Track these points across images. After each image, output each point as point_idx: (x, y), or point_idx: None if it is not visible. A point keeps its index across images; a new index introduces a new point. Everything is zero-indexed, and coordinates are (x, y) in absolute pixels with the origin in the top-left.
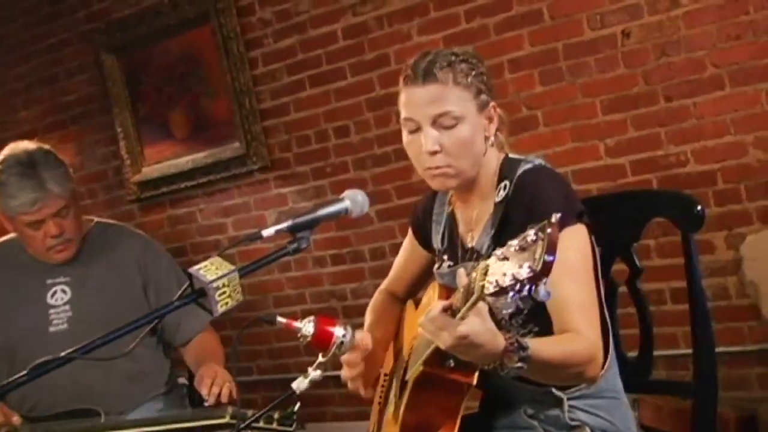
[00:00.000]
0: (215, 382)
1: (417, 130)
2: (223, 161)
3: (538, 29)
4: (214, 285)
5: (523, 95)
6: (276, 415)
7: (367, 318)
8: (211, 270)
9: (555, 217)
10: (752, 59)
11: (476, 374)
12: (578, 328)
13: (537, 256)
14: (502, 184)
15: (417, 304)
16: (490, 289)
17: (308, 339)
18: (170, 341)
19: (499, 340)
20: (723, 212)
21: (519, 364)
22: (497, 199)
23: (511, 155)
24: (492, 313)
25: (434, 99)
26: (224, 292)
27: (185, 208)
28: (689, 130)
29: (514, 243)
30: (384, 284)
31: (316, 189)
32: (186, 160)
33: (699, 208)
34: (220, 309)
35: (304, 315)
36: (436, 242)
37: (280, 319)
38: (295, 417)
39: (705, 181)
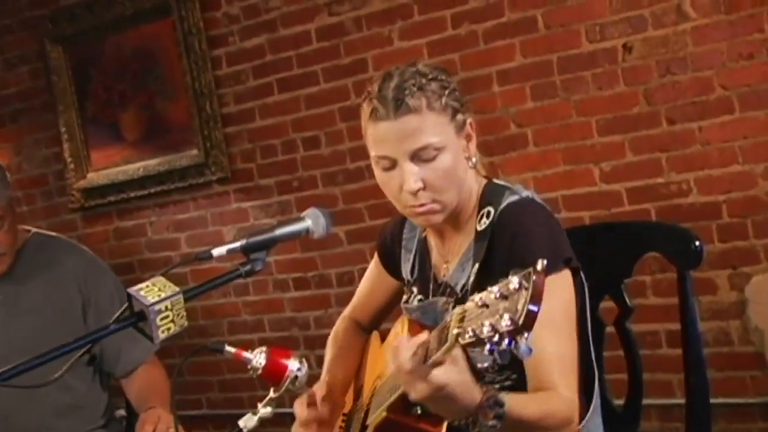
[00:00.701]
0: (157, 429)
1: (393, 166)
2: (179, 170)
3: (531, 39)
4: (156, 308)
5: (512, 111)
6: None
7: (329, 350)
8: (152, 291)
9: (541, 264)
10: (765, 81)
11: (444, 425)
12: (556, 386)
13: (519, 306)
14: (485, 211)
15: (383, 337)
16: (466, 338)
17: (259, 371)
18: (110, 372)
19: (474, 394)
20: (727, 249)
21: (493, 422)
22: (479, 228)
23: (495, 180)
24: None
25: (411, 132)
26: (167, 317)
27: (134, 220)
28: (693, 156)
29: (495, 289)
30: (347, 310)
31: (280, 205)
32: (137, 167)
33: (697, 243)
34: (162, 335)
35: (261, 344)
36: (405, 272)
37: (228, 348)
38: None
39: (709, 213)
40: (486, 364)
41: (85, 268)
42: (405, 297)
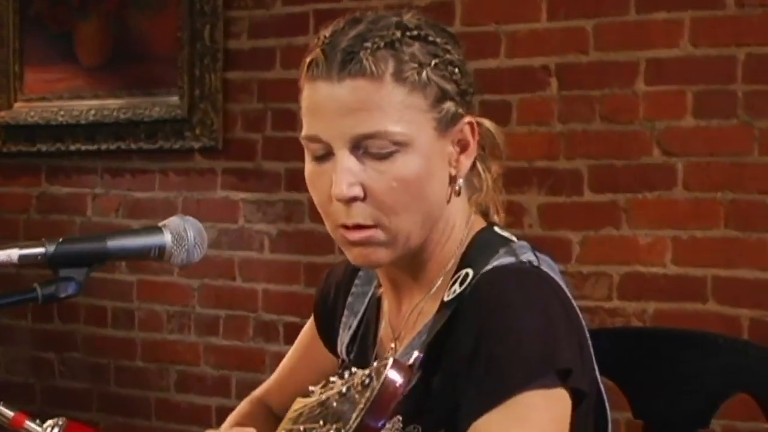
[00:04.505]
0: None
1: (326, 156)
2: (148, 123)
3: (710, 17)
4: None
5: (659, 127)
6: None
7: None
8: None
9: (416, 358)
10: None
11: None
12: None
13: (354, 415)
14: (462, 273)
15: None
16: None
17: None
18: None
19: None
20: None
21: None
22: (446, 297)
23: (497, 228)
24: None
25: (358, 106)
26: None
27: (71, 186)
28: None
29: (350, 379)
30: (259, 390)
31: (288, 206)
32: (88, 107)
33: None
34: None
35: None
36: (342, 344)
37: (3, 409)
38: None
39: None
40: None
41: None
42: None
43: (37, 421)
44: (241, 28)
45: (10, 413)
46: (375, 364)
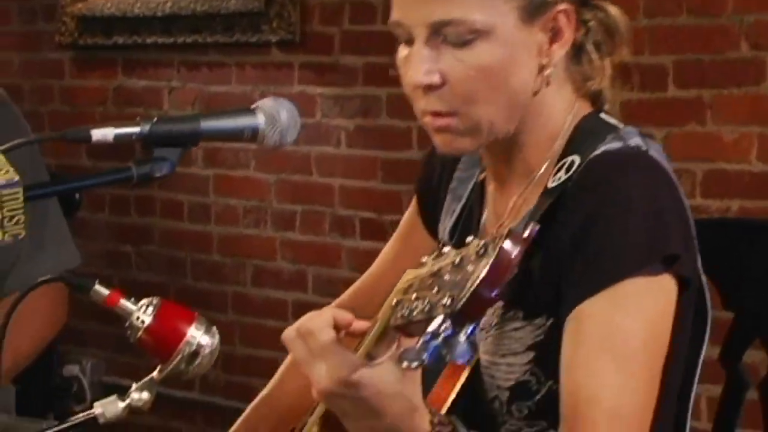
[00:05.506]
0: None
1: (410, 41)
2: (224, 16)
3: None
4: None
5: (747, 20)
6: None
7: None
8: None
9: (532, 229)
10: None
11: None
12: None
13: (468, 284)
14: (567, 161)
15: None
16: (398, 319)
17: (139, 334)
18: None
19: (418, 421)
20: None
21: None
22: (550, 184)
23: (603, 115)
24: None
25: None
26: None
27: (147, 79)
28: None
29: (463, 250)
30: (345, 295)
31: (365, 101)
32: (165, 0)
33: None
34: None
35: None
36: (444, 229)
37: (99, 288)
38: None
39: None
40: (414, 363)
41: None
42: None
43: (132, 299)
44: None
45: (105, 291)
46: (484, 238)
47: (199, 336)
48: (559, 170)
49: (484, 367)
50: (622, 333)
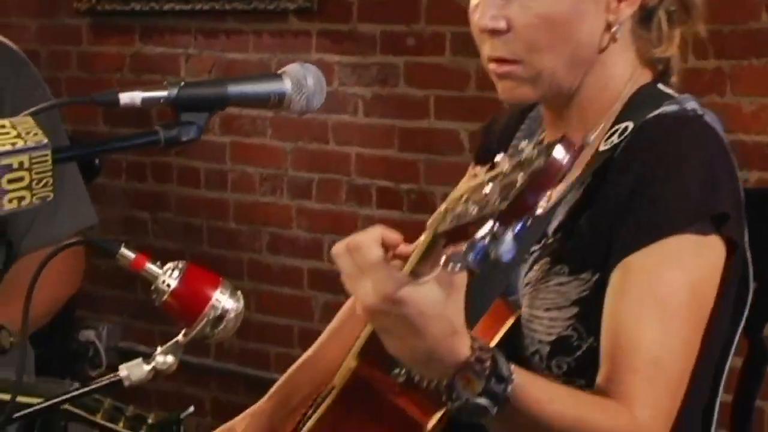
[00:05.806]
0: None
1: None
2: None
3: None
4: (3, 162)
5: None
6: (150, 420)
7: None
8: (7, 136)
9: (584, 138)
10: None
11: (437, 415)
12: (630, 397)
13: (518, 184)
14: (621, 126)
15: None
16: (448, 224)
17: (164, 297)
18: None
19: (458, 344)
20: None
21: (483, 401)
22: (603, 146)
23: (660, 85)
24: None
25: None
26: (20, 179)
27: (165, 46)
28: None
29: (516, 158)
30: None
31: (382, 69)
32: None
33: None
34: (7, 206)
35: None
36: None
37: (125, 251)
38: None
39: None
40: (459, 265)
41: (11, 71)
42: None
43: (158, 263)
44: None
45: (131, 255)
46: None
47: (224, 300)
48: (612, 134)
49: (525, 320)
50: (668, 287)
